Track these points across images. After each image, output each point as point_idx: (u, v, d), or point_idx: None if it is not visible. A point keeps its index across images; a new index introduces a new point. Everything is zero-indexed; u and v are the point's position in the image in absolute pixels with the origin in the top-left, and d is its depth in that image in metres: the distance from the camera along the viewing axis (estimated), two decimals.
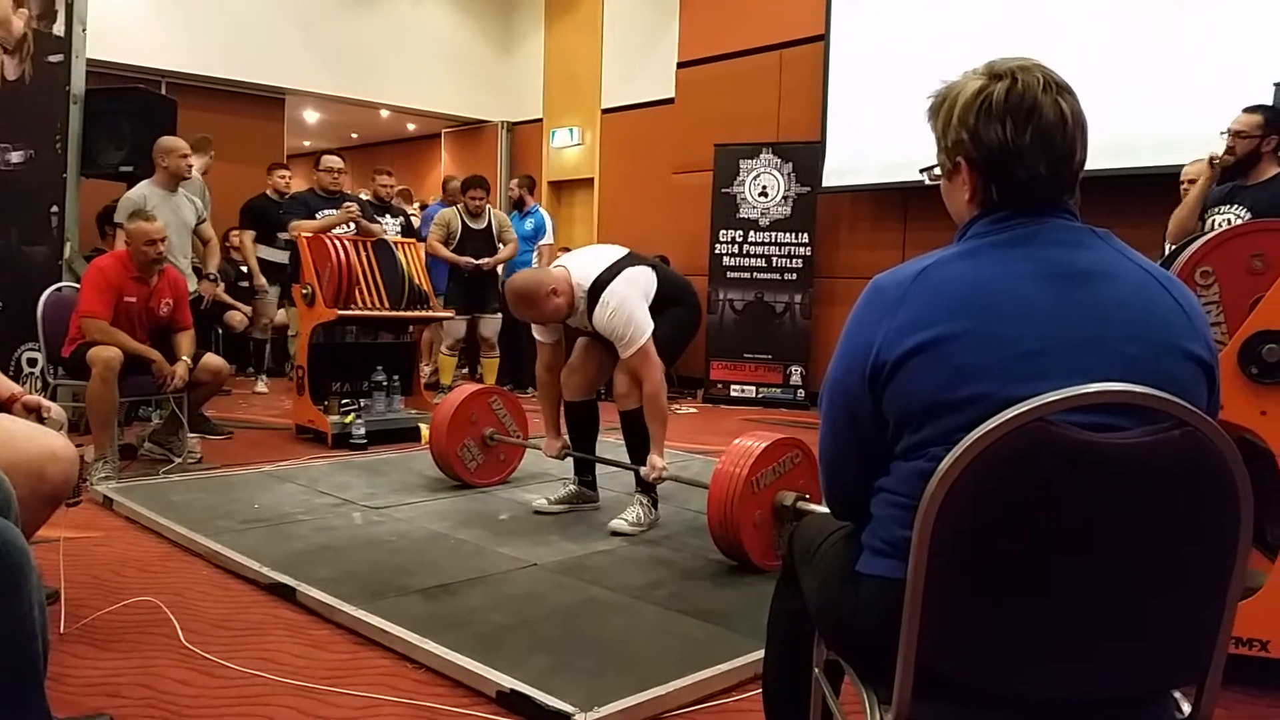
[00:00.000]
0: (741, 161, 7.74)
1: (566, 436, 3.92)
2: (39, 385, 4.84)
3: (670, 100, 8.81)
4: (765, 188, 7.67)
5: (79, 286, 4.46)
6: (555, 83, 10.30)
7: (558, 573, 3.07)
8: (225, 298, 7.48)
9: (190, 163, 5.49)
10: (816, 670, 1.48)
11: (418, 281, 5.78)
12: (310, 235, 5.48)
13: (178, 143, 5.42)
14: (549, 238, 7.88)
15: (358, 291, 5.46)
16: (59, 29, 5.47)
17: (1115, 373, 1.11)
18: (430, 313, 5.95)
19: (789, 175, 7.61)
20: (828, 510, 1.46)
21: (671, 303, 3.63)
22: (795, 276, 7.61)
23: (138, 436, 4.86)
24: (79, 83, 5.58)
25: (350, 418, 5.29)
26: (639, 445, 3.62)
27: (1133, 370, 1.12)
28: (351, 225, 5.90)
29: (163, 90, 7.82)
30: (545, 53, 10.40)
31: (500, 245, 7.04)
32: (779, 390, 7.64)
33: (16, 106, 5.28)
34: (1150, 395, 1.07)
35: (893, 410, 1.21)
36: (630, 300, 3.43)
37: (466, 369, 7.70)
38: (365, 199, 6.70)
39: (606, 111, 9.72)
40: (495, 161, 10.79)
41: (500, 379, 6.96)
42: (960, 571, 1.10)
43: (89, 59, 5.70)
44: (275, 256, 7.15)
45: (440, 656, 2.30)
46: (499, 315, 6.92)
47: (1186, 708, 1.22)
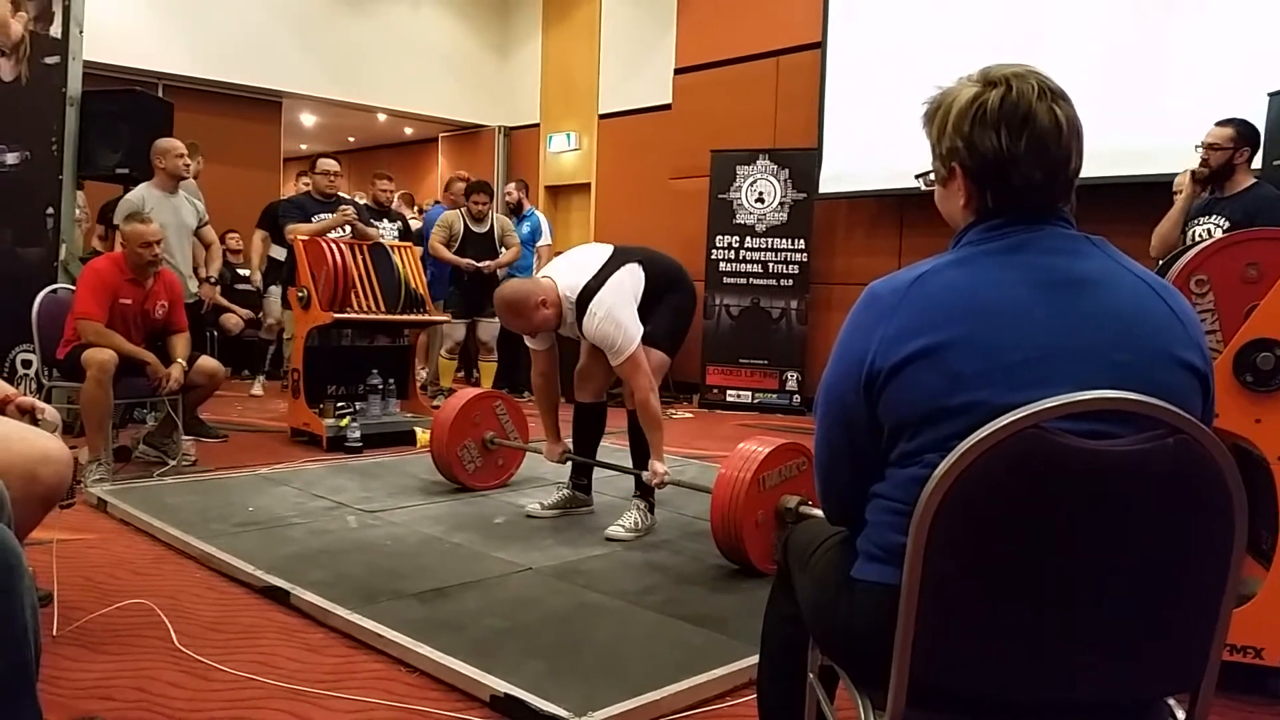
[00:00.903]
0: (738, 167, 7.74)
1: (567, 441, 3.92)
2: (33, 387, 4.82)
3: (667, 106, 8.82)
4: (762, 194, 7.68)
5: (74, 288, 4.45)
6: (552, 87, 10.30)
7: (553, 577, 3.07)
8: (221, 300, 7.49)
9: (187, 162, 5.49)
10: (811, 676, 1.48)
11: (414, 285, 5.78)
12: (306, 238, 5.49)
13: (174, 143, 5.41)
14: (546, 239, 7.89)
15: (354, 295, 5.46)
16: (56, 31, 5.46)
17: (1108, 380, 1.11)
18: (426, 316, 5.95)
19: (785, 181, 7.61)
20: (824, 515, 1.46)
21: (665, 291, 3.59)
22: (791, 282, 7.62)
23: (132, 439, 4.85)
24: (75, 85, 5.56)
25: (345, 421, 5.28)
26: (643, 448, 3.61)
27: (1126, 378, 1.12)
28: (348, 229, 5.91)
29: (159, 93, 7.80)
30: (543, 57, 10.39)
31: (502, 249, 7.04)
32: (775, 396, 7.64)
33: (12, 108, 5.27)
34: (1145, 403, 1.07)
35: (888, 417, 1.22)
36: (617, 308, 3.39)
37: (463, 372, 7.70)
38: (363, 203, 6.71)
39: (604, 117, 9.71)
40: (492, 166, 10.79)
41: (497, 383, 6.96)
42: (955, 578, 1.10)
43: (86, 61, 5.69)
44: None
45: (434, 661, 2.30)
46: (497, 319, 6.90)
47: (1181, 714, 1.22)
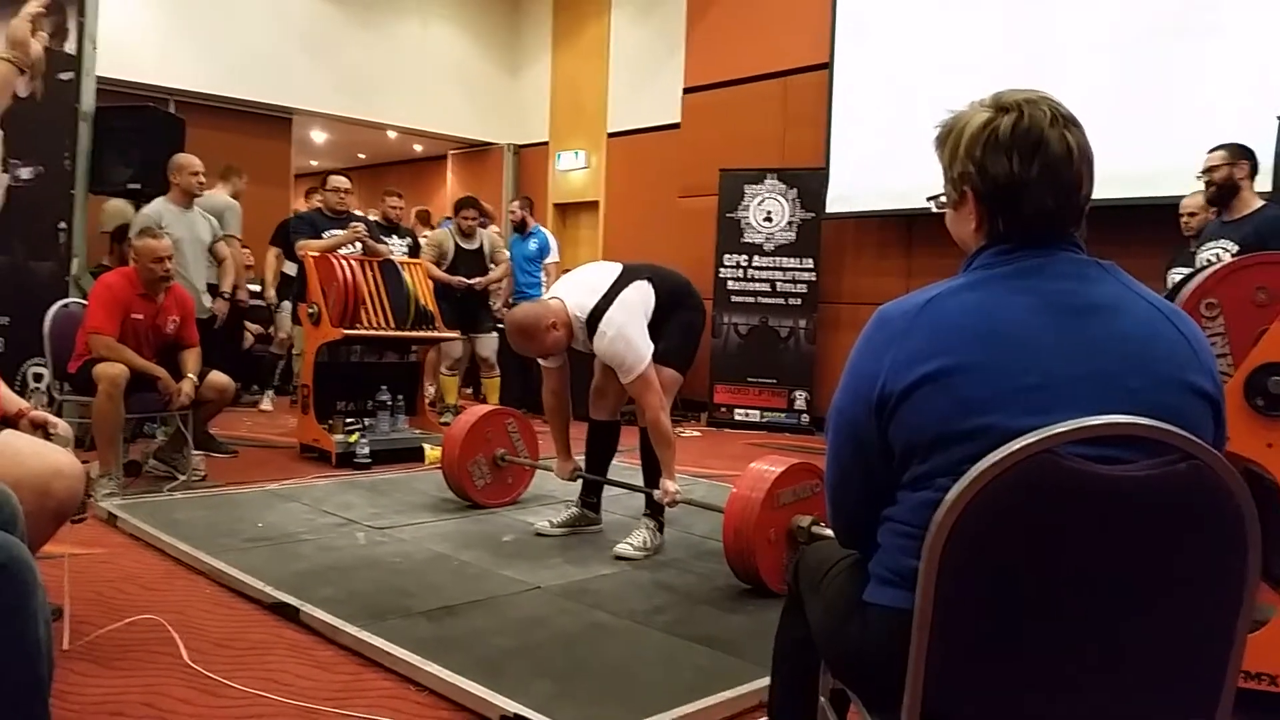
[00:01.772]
0: (746, 187, 7.77)
1: (578, 459, 3.92)
2: (45, 401, 4.84)
3: (676, 125, 8.86)
4: (770, 213, 7.70)
5: (86, 303, 4.48)
6: (561, 106, 10.37)
7: (561, 596, 3.07)
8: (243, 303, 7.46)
9: (201, 180, 5.53)
10: (822, 699, 1.48)
11: (423, 302, 5.80)
12: (317, 254, 5.52)
13: (190, 160, 5.47)
14: (554, 256, 7.88)
15: (363, 311, 5.48)
16: (70, 47, 5.52)
17: (1120, 406, 1.11)
18: (435, 333, 5.97)
19: (793, 201, 7.63)
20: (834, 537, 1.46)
21: (675, 307, 3.60)
22: (800, 301, 7.62)
23: (143, 453, 4.86)
24: (89, 100, 5.62)
25: (354, 437, 5.30)
26: (655, 466, 3.61)
27: (1137, 403, 1.12)
28: (358, 245, 5.94)
29: (171, 109, 7.86)
30: (552, 76, 10.46)
31: (492, 265, 7.06)
32: (783, 415, 7.63)
33: (26, 123, 5.31)
34: (1158, 428, 1.08)
35: (899, 440, 1.22)
36: (628, 327, 3.40)
37: (471, 390, 7.69)
38: (373, 219, 6.74)
39: (612, 135, 9.77)
40: (501, 183, 10.85)
41: (511, 403, 6.93)
42: (967, 602, 1.10)
43: (99, 77, 5.75)
44: None
45: (443, 679, 2.30)
46: (494, 334, 6.91)
47: None
